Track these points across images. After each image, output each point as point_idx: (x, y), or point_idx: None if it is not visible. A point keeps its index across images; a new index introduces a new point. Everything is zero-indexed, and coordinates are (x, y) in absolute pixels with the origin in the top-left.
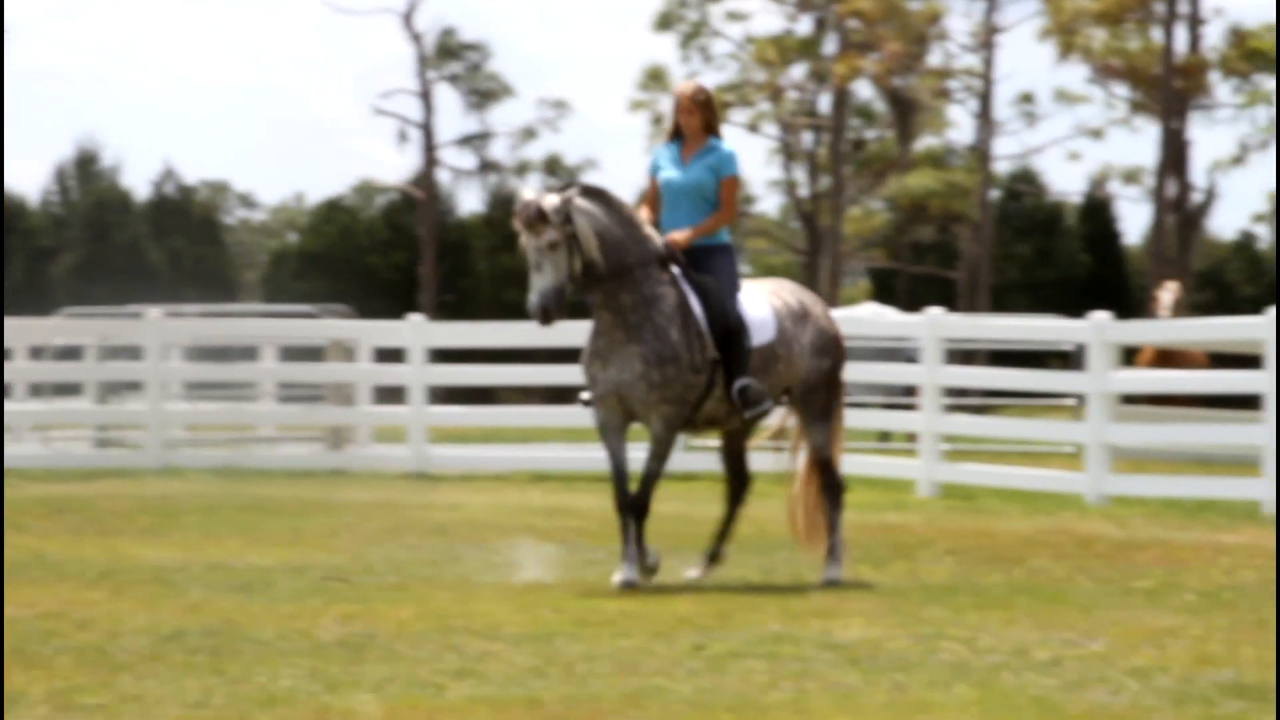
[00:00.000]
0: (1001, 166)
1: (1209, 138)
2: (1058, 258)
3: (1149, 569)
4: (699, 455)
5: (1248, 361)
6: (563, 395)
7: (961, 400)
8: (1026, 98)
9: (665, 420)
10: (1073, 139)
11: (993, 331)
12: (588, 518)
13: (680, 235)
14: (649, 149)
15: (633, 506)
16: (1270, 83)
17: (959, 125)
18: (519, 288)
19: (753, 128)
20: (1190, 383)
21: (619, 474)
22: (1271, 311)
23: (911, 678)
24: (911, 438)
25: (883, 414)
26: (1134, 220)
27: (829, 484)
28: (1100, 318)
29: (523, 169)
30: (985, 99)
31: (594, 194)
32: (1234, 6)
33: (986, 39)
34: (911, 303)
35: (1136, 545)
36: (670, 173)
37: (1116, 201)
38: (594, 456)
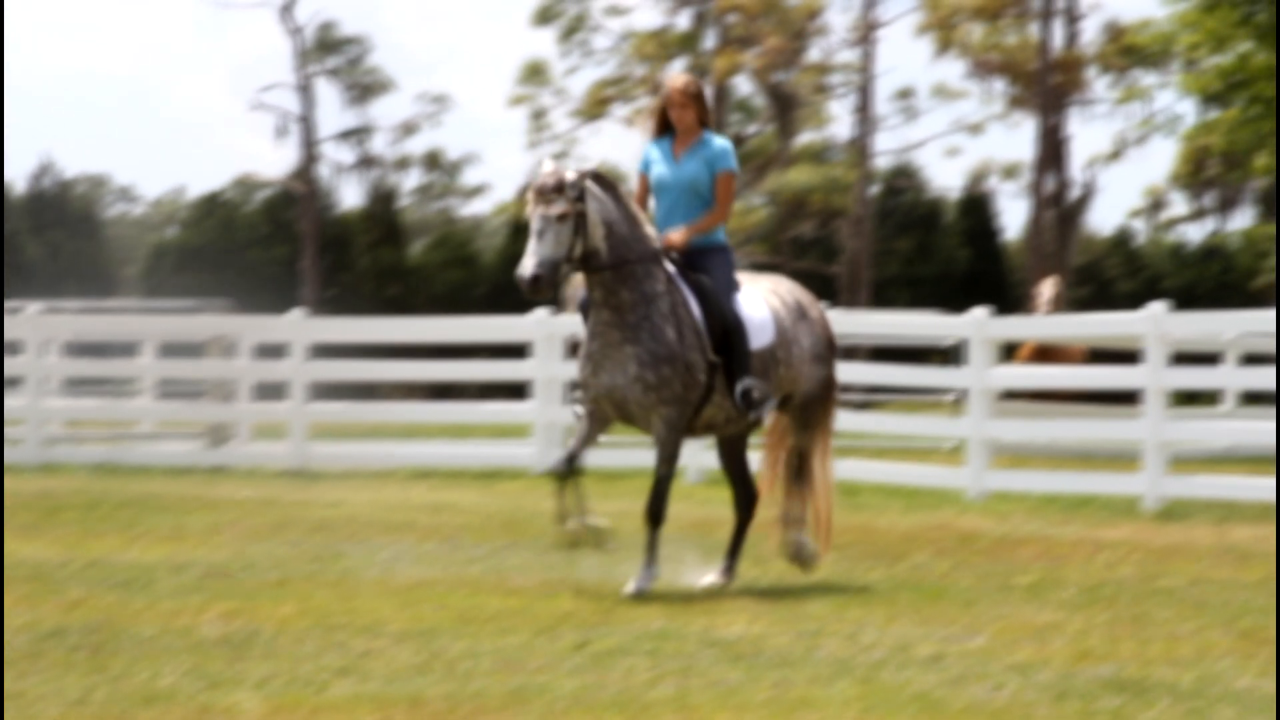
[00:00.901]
0: (881, 162)
1: (1087, 133)
2: (937, 253)
3: (1029, 564)
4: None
5: (1126, 357)
6: (445, 391)
7: (843, 396)
8: (905, 93)
9: (666, 420)
10: (952, 134)
11: (873, 327)
12: (470, 514)
13: (677, 235)
14: (530, 143)
15: (648, 515)
16: (1147, 78)
17: (839, 121)
18: (401, 283)
19: (633, 122)
20: (1069, 378)
21: (581, 443)
22: (1151, 306)
23: (794, 674)
24: None
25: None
26: (1013, 216)
27: (802, 467)
28: (979, 313)
29: (403, 163)
30: (865, 94)
31: (605, 184)
32: (1111, 2)
33: (866, 34)
34: None
35: (1017, 541)
36: (663, 169)
37: (995, 197)
38: (476, 452)
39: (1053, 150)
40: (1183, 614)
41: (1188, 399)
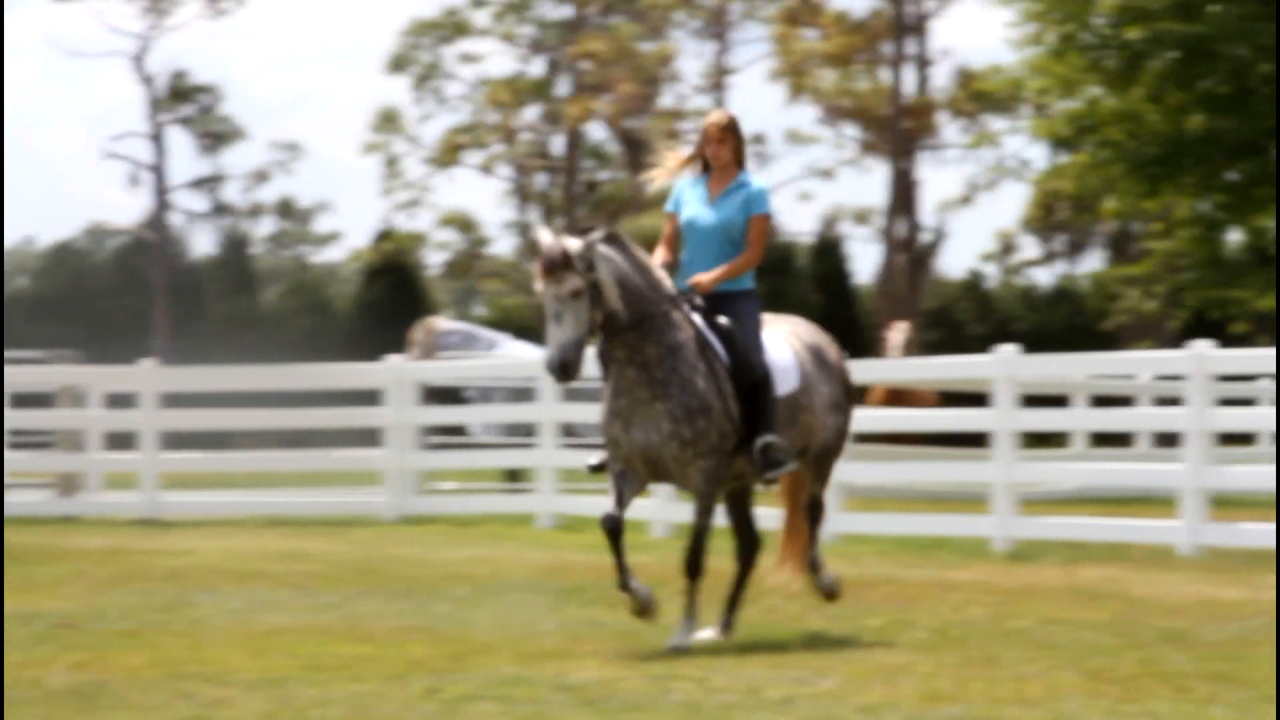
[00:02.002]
0: None
1: (938, 178)
2: (790, 297)
3: (880, 606)
4: (433, 499)
5: (976, 399)
6: (297, 439)
7: None
8: (758, 139)
9: (705, 473)
10: (804, 179)
11: None
12: (322, 561)
13: (706, 277)
14: (384, 190)
15: (686, 568)
16: (997, 123)
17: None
18: (254, 330)
19: (486, 169)
20: (921, 421)
21: (618, 499)
22: (1001, 349)
23: (644, 718)
24: None
25: None
26: (865, 260)
27: (816, 512)
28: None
29: (255, 211)
30: None
31: (611, 239)
32: (961, 48)
33: (718, 80)
34: None
35: (868, 583)
36: (697, 211)
37: (847, 241)
38: (328, 500)
39: (904, 195)
40: (1032, 654)
41: (1037, 440)
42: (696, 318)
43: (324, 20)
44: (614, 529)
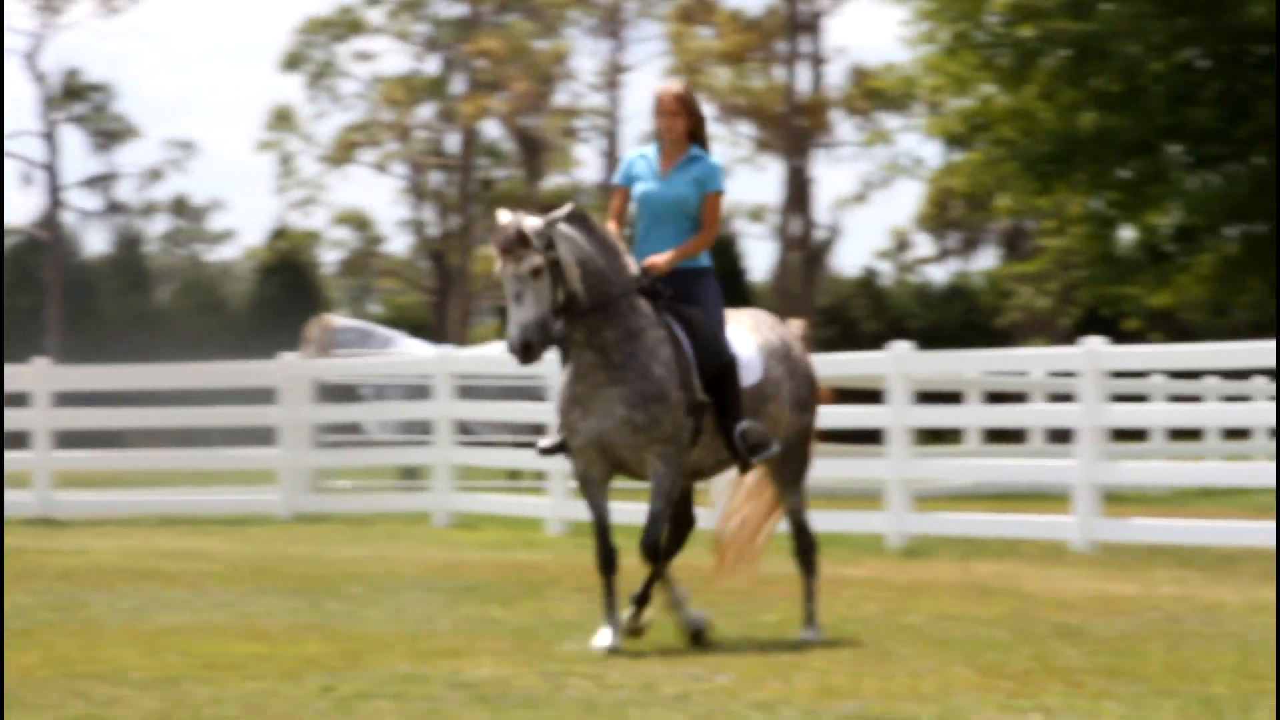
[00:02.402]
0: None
1: (832, 175)
2: None
3: (775, 603)
4: (327, 497)
5: (871, 396)
6: (191, 438)
7: None
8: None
9: (663, 458)
10: None
11: None
12: (216, 560)
13: (661, 259)
14: (278, 188)
15: (645, 550)
16: (891, 121)
17: (587, 164)
18: (147, 330)
19: (381, 167)
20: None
21: (601, 529)
22: (895, 346)
23: (540, 715)
24: (541, 476)
25: (512, 452)
26: (759, 257)
27: (804, 545)
28: None
29: (149, 210)
30: (612, 138)
31: (574, 218)
32: (855, 46)
33: (613, 78)
34: None
35: (763, 580)
36: (648, 185)
37: (742, 239)
38: (223, 499)
39: (799, 192)
40: (926, 650)
41: (932, 437)
42: (662, 303)
43: (218, 18)
44: (608, 564)
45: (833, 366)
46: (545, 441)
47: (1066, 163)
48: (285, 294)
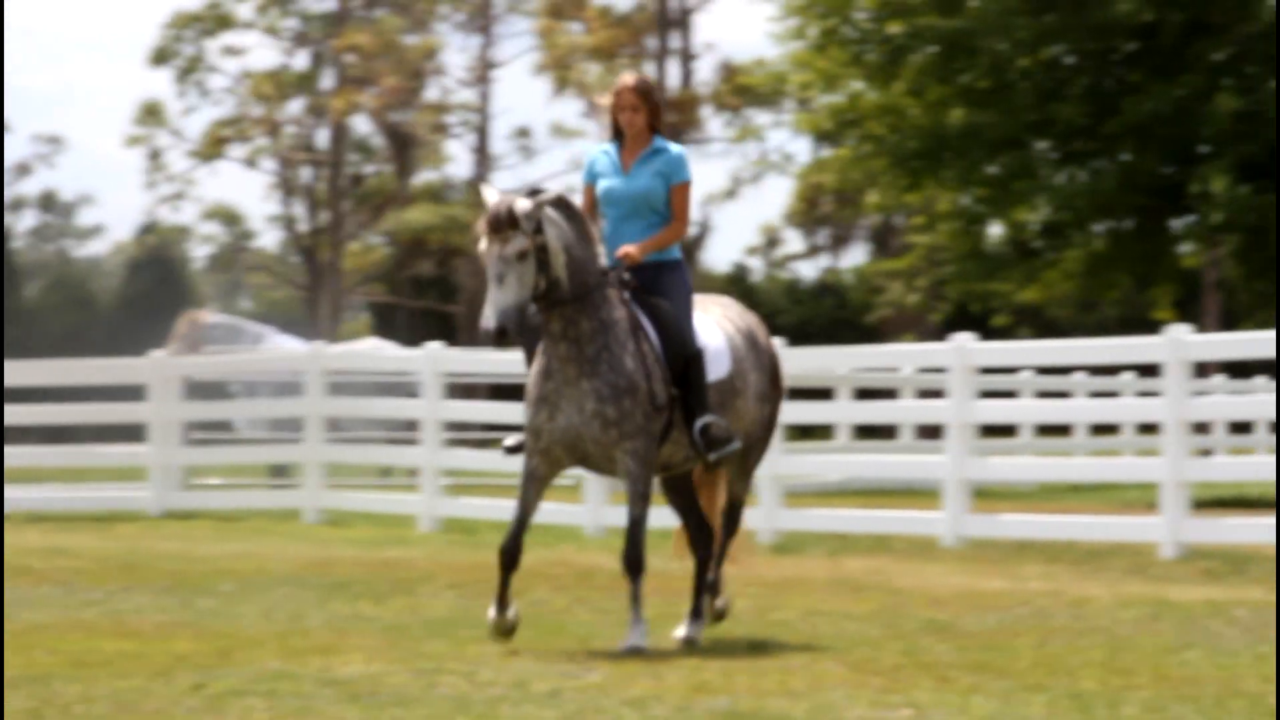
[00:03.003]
0: None
1: (702, 171)
2: None
3: (646, 599)
4: (197, 494)
5: None
6: (60, 435)
7: (463, 435)
8: (523, 132)
9: (634, 454)
10: (569, 173)
11: (493, 365)
12: (86, 557)
13: (634, 249)
14: (147, 183)
15: (626, 564)
16: (761, 117)
17: (457, 160)
18: (15, 326)
19: (251, 163)
20: None
21: (520, 525)
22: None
23: (411, 713)
24: (413, 473)
25: (384, 449)
26: None
27: (734, 517)
28: None
29: (17, 205)
30: (482, 134)
31: (559, 203)
32: (725, 42)
33: (483, 74)
34: (412, 337)
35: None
36: (612, 181)
37: None
38: (92, 496)
39: None
40: (796, 646)
41: (803, 433)
42: (630, 295)
43: (86, 13)
44: (510, 561)
45: None
46: (512, 440)
47: (935, 159)
48: (154, 290)
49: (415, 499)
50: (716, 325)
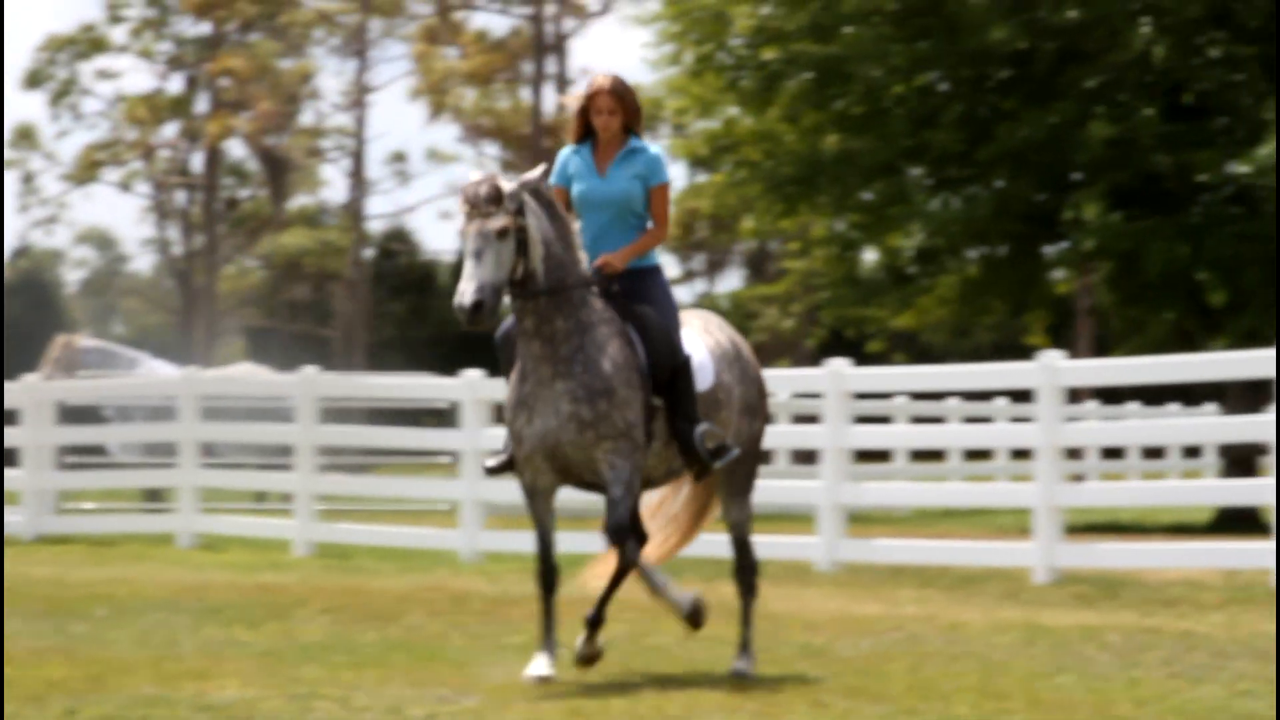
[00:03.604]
0: (375, 225)
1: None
2: (431, 315)
3: (522, 624)
4: (70, 518)
5: None
6: None
7: (338, 459)
8: (399, 157)
9: (616, 452)
10: (445, 198)
11: (368, 390)
12: None
13: (615, 257)
14: (20, 206)
15: (609, 533)
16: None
17: (332, 184)
18: None
19: (125, 186)
20: None
21: (545, 546)
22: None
23: None
24: (287, 497)
25: (258, 474)
26: None
27: (746, 565)
28: (473, 375)
29: None
30: (358, 158)
31: (540, 197)
32: (601, 68)
33: (358, 98)
34: (287, 361)
35: (510, 601)
36: (588, 184)
37: None
38: None
39: None
40: (672, 671)
41: None
42: (611, 302)
43: None
44: (548, 585)
45: None
46: (492, 461)
47: (810, 185)
48: (27, 314)
49: (290, 524)
50: (699, 337)
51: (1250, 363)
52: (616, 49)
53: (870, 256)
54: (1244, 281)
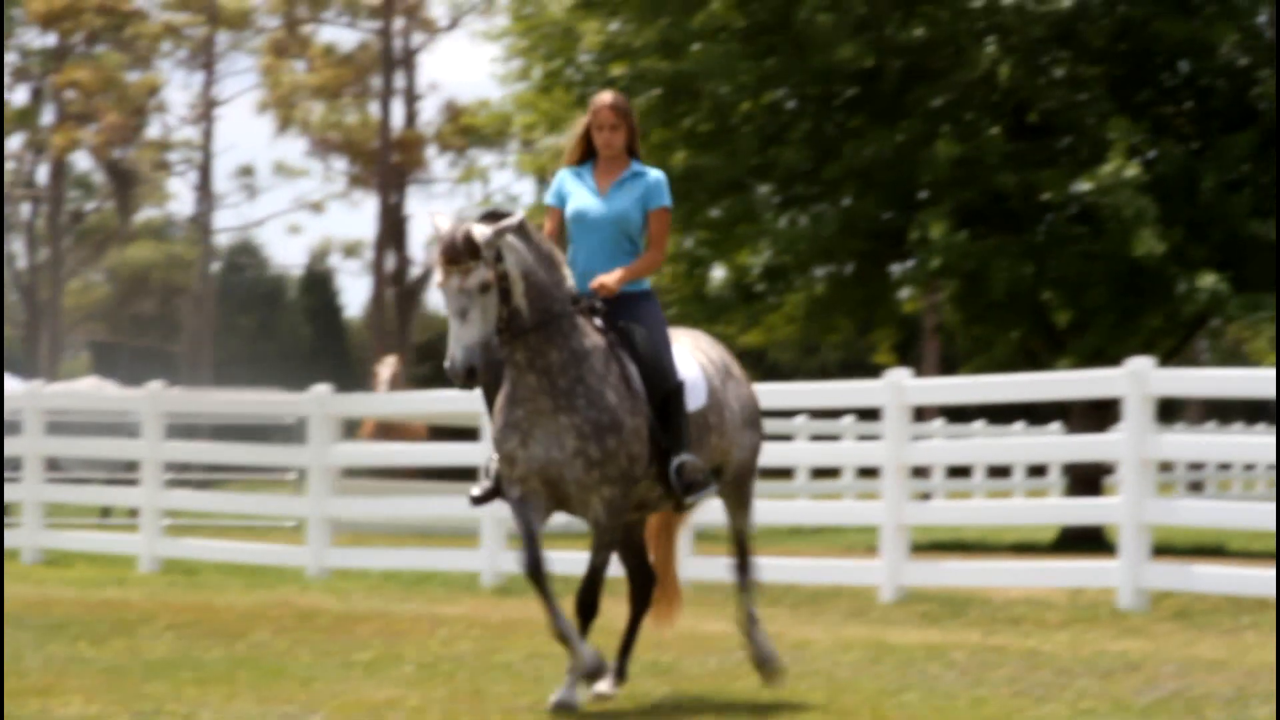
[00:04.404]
0: (223, 239)
1: (427, 211)
2: (280, 330)
3: (369, 641)
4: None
5: (465, 434)
6: None
7: (184, 475)
8: (246, 170)
9: (609, 503)
10: (293, 212)
11: (215, 405)
12: None
13: (611, 279)
14: None
15: (579, 607)
16: (486, 158)
17: (179, 197)
18: None
19: None
20: (411, 455)
21: (530, 538)
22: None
23: None
24: (133, 513)
25: (104, 489)
26: (355, 293)
27: (745, 565)
28: (321, 391)
29: None
30: (205, 171)
31: (516, 228)
32: (450, 83)
33: (205, 111)
34: (133, 376)
35: (357, 618)
36: (586, 203)
37: (337, 274)
38: None
39: (394, 228)
40: (520, 688)
41: None
42: (599, 322)
43: None
44: (535, 573)
45: (428, 404)
46: (476, 490)
47: None
48: None
49: (135, 539)
50: (689, 356)
51: (1095, 382)
52: (465, 64)
53: (718, 274)
54: (1088, 301)
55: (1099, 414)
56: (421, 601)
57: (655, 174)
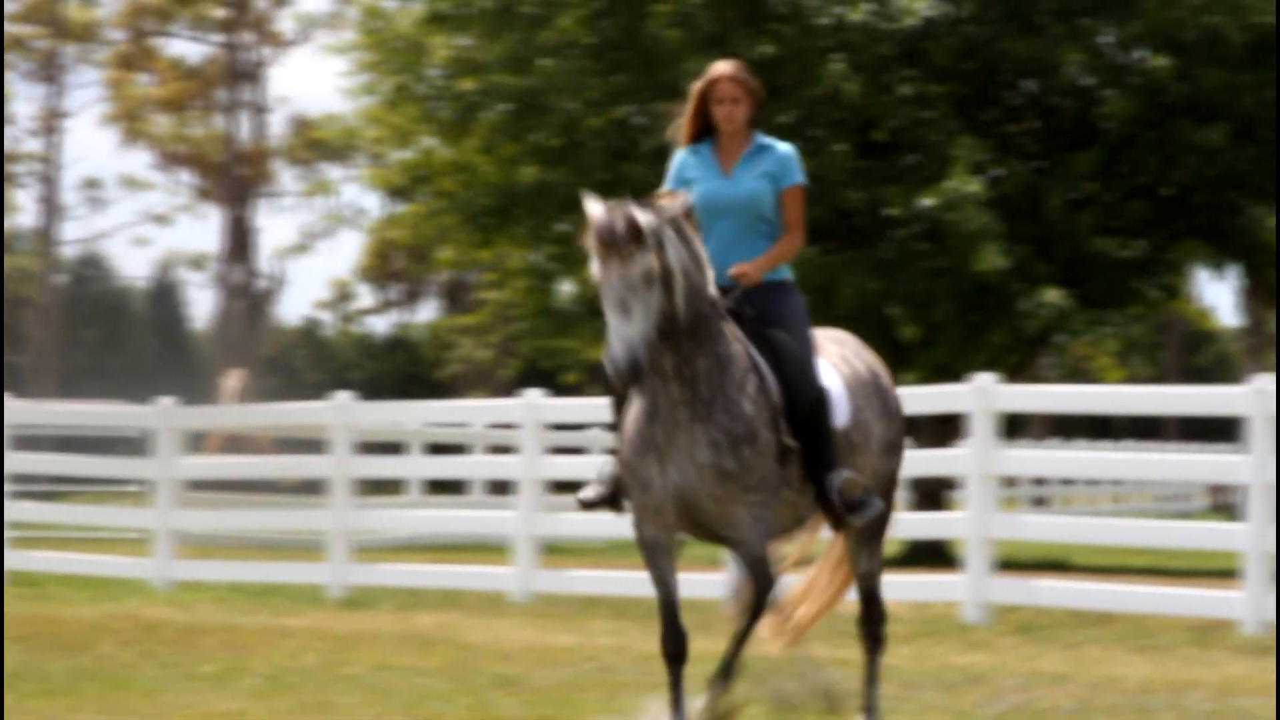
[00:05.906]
0: (68, 251)
1: (275, 225)
2: (126, 342)
3: (214, 653)
4: None
5: (312, 446)
6: None
7: (29, 487)
8: (92, 183)
9: (754, 511)
10: (139, 224)
11: (60, 417)
12: None
13: (751, 267)
14: None
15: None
16: (333, 172)
17: (24, 209)
18: None
19: None
20: (257, 468)
21: (669, 607)
22: (338, 396)
23: None
24: None
25: None
26: (201, 306)
27: (873, 616)
28: (167, 403)
29: None
30: (50, 183)
31: (679, 217)
32: (298, 96)
33: (51, 124)
34: None
35: (202, 630)
36: (712, 185)
37: (183, 287)
38: None
39: (241, 241)
40: (366, 700)
41: (374, 487)
42: (740, 329)
43: None
44: (678, 655)
45: (274, 416)
46: (589, 492)
47: (507, 216)
48: None
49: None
50: (833, 367)
51: (940, 397)
52: (313, 77)
53: (566, 288)
54: (934, 316)
55: (944, 429)
56: (267, 614)
57: (784, 148)
